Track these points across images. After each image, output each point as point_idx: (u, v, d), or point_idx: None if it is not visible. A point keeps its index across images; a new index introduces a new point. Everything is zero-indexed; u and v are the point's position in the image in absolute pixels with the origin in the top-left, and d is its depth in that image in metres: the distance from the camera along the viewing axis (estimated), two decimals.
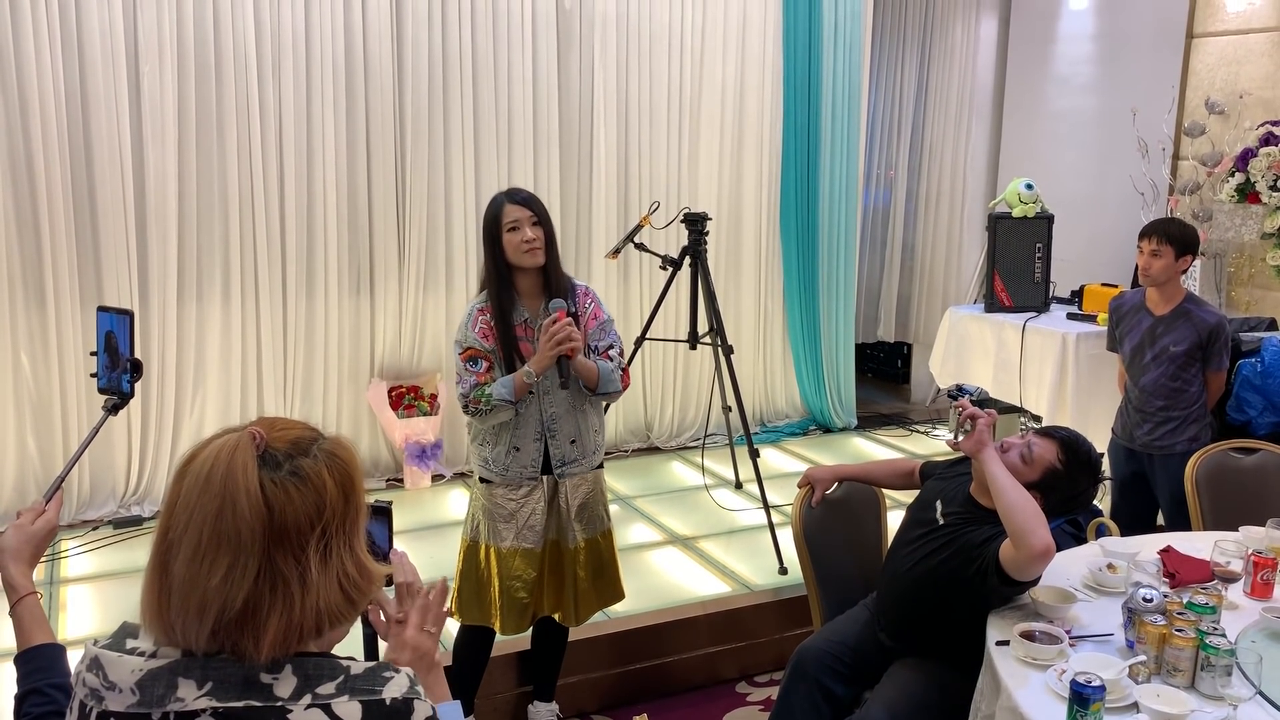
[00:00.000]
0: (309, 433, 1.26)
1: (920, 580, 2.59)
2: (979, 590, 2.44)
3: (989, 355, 5.26)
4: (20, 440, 4.41)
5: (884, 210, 6.91)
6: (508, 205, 2.82)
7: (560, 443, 2.91)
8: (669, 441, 5.76)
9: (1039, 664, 2.20)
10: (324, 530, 1.21)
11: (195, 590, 1.16)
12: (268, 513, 1.17)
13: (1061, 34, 6.23)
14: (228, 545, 1.16)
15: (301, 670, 1.20)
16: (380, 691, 1.21)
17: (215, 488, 1.17)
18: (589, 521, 3.01)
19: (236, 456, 1.18)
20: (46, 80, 4.23)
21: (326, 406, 4.95)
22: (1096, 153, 6.00)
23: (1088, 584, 2.63)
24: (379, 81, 4.82)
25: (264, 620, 1.17)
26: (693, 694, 3.61)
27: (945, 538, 2.57)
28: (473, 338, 2.83)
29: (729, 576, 4.07)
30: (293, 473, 1.20)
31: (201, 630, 1.17)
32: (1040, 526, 2.29)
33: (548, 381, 2.86)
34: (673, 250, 4.73)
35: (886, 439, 6.00)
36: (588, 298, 2.95)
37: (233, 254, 4.67)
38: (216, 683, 1.17)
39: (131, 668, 1.18)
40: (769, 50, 5.73)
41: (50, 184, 4.29)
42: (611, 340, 2.97)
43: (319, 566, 1.20)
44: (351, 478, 1.25)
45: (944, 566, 2.53)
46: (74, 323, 4.41)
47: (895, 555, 2.74)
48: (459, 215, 5.06)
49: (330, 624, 1.22)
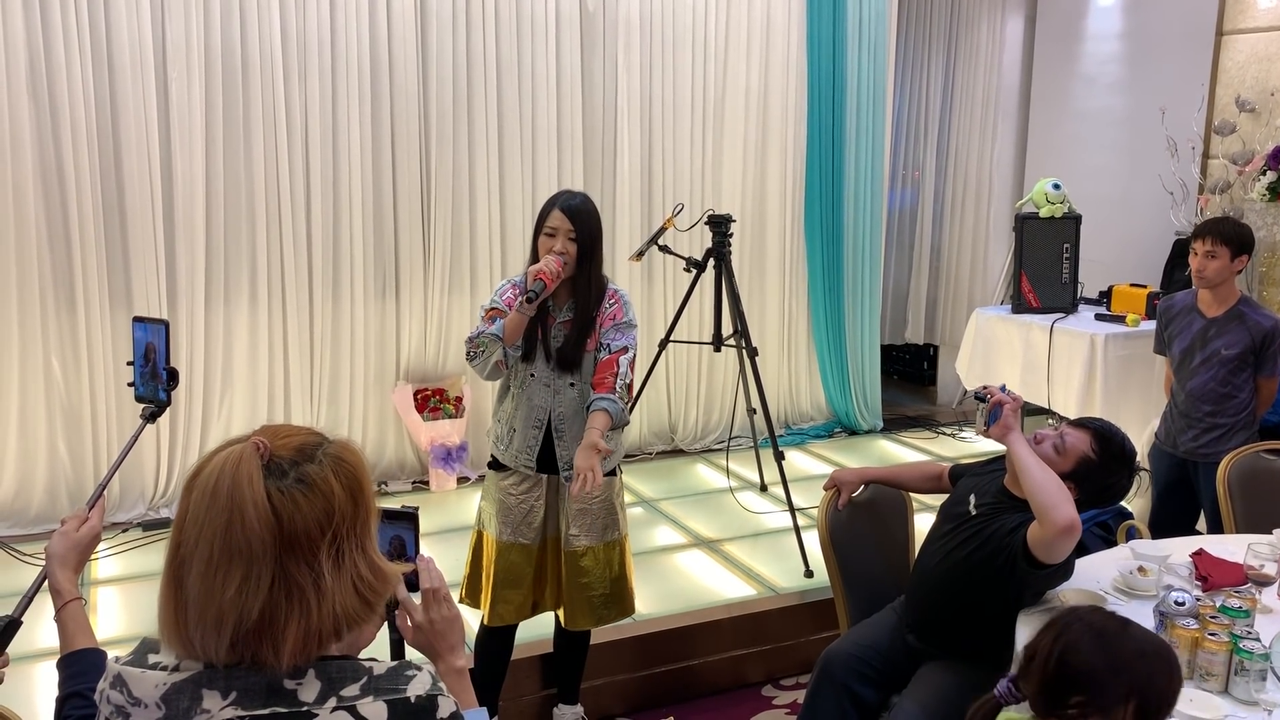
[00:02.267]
0: (313, 438, 1.26)
1: (950, 574, 2.57)
2: (1008, 581, 2.42)
3: (1016, 357, 5.22)
4: (51, 445, 4.46)
5: (911, 211, 6.88)
6: (555, 210, 2.82)
7: (567, 444, 2.88)
8: (693, 444, 5.75)
9: None
10: (335, 535, 1.20)
11: (211, 603, 1.16)
12: (276, 522, 1.17)
13: (1089, 33, 6.18)
14: (239, 557, 1.16)
15: (325, 674, 1.20)
16: (404, 690, 1.21)
17: (222, 501, 1.17)
18: (591, 527, 2.95)
19: (241, 468, 1.18)
20: (76, 88, 4.28)
21: (353, 409, 4.98)
22: (1125, 152, 5.94)
23: (1118, 587, 2.60)
24: (404, 85, 4.85)
25: (282, 629, 1.17)
26: (718, 697, 3.60)
27: (976, 528, 2.55)
28: (499, 302, 2.84)
29: (754, 579, 4.06)
30: (299, 480, 1.20)
31: (220, 643, 1.17)
32: (1065, 502, 2.27)
33: (558, 380, 2.86)
34: (696, 252, 4.72)
35: (913, 441, 5.97)
36: (613, 299, 2.92)
37: (260, 258, 4.71)
38: (241, 692, 1.18)
39: (155, 682, 1.19)
40: (793, 51, 5.71)
41: (80, 190, 4.34)
42: (626, 343, 2.87)
43: (332, 571, 1.20)
44: (359, 480, 1.25)
45: (974, 557, 2.51)
46: (104, 328, 4.46)
47: (926, 552, 2.73)
48: (483, 218, 5.08)
49: (348, 627, 1.22)
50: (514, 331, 2.76)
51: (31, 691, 3.10)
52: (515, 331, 2.76)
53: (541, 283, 2.70)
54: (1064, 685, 1.69)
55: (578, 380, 2.88)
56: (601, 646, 3.40)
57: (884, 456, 5.70)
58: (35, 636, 3.12)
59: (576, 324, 2.85)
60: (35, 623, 1.80)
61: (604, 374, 2.83)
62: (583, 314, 2.85)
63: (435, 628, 1.46)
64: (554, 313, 2.87)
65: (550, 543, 2.99)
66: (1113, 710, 1.66)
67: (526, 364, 2.86)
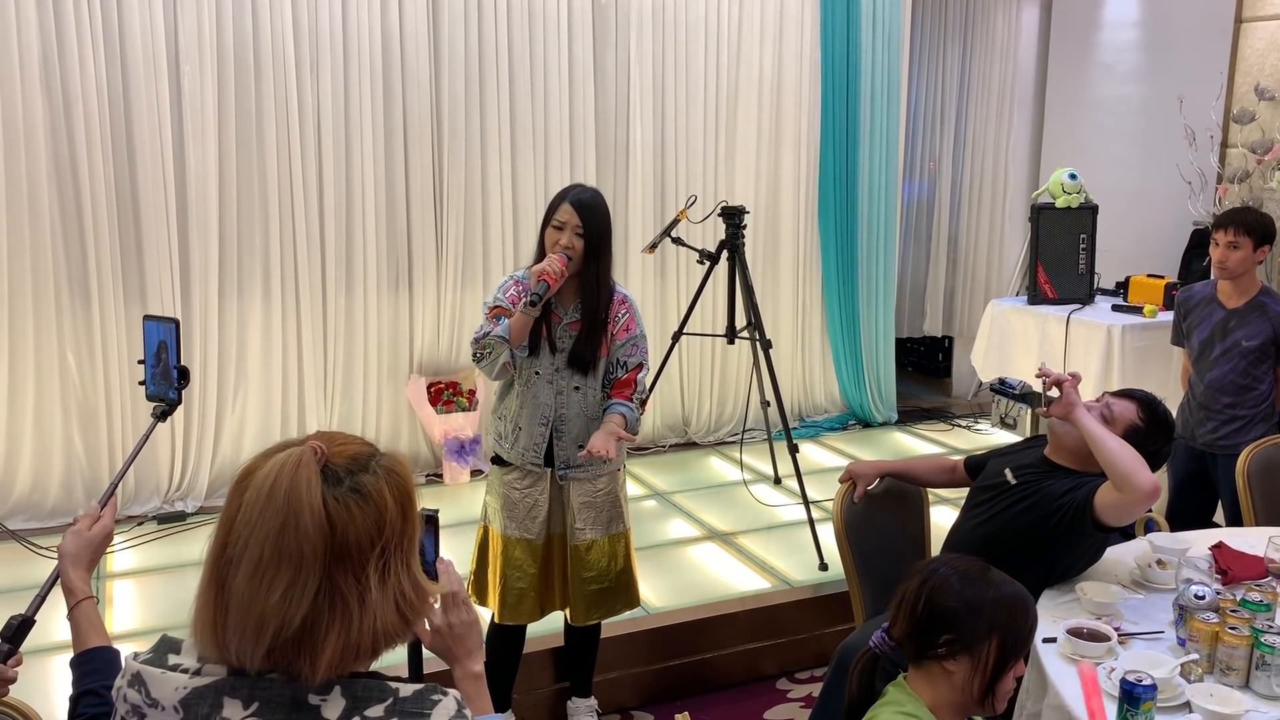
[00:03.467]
0: (367, 448, 1.24)
1: (990, 537, 2.60)
2: (1054, 543, 2.49)
3: (1032, 348, 5.19)
4: (67, 439, 4.47)
5: (927, 202, 6.84)
6: (565, 203, 2.78)
7: (566, 444, 2.88)
8: (707, 437, 5.73)
9: (1087, 661, 2.16)
10: (383, 549, 1.18)
11: (254, 608, 1.13)
12: (330, 530, 1.15)
13: (1105, 21, 6.12)
14: (289, 562, 1.13)
15: (350, 692, 1.17)
16: (429, 715, 1.19)
17: (279, 503, 1.14)
18: (596, 521, 2.95)
19: (300, 472, 1.15)
20: (90, 82, 4.29)
21: (366, 403, 4.98)
22: (1141, 141, 5.89)
23: (1137, 580, 2.58)
24: (416, 79, 4.84)
25: (321, 640, 1.14)
26: (733, 690, 3.59)
27: (1021, 493, 2.60)
28: (503, 300, 2.82)
29: (769, 572, 4.04)
30: (354, 489, 1.17)
31: (258, 649, 1.14)
32: (1144, 468, 2.36)
33: (563, 380, 2.85)
34: (710, 244, 4.70)
35: (927, 433, 5.94)
36: (623, 306, 2.89)
37: (273, 252, 4.71)
38: (263, 703, 1.15)
39: (175, 685, 1.17)
40: (806, 42, 5.68)
41: (94, 185, 4.35)
42: (641, 359, 2.91)
43: (378, 586, 1.17)
44: (409, 494, 1.23)
45: (1021, 519, 2.56)
46: (118, 322, 4.47)
47: (958, 531, 2.76)
48: (496, 211, 5.07)
49: (385, 644, 1.20)
50: (519, 332, 2.74)
51: (48, 687, 3.11)
52: (521, 332, 2.74)
53: (545, 284, 2.67)
54: (933, 625, 1.81)
55: (583, 384, 2.86)
56: (616, 639, 3.40)
57: (898, 449, 5.68)
58: (50, 632, 3.13)
59: (586, 325, 2.83)
60: (50, 619, 1.81)
61: (622, 390, 2.90)
62: (591, 315, 2.83)
63: (454, 631, 1.43)
64: (558, 311, 2.84)
65: (555, 539, 2.98)
66: (977, 647, 1.78)
67: (532, 361, 2.85)
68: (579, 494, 2.92)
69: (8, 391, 4.35)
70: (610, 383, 2.91)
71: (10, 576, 3.94)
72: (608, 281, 2.86)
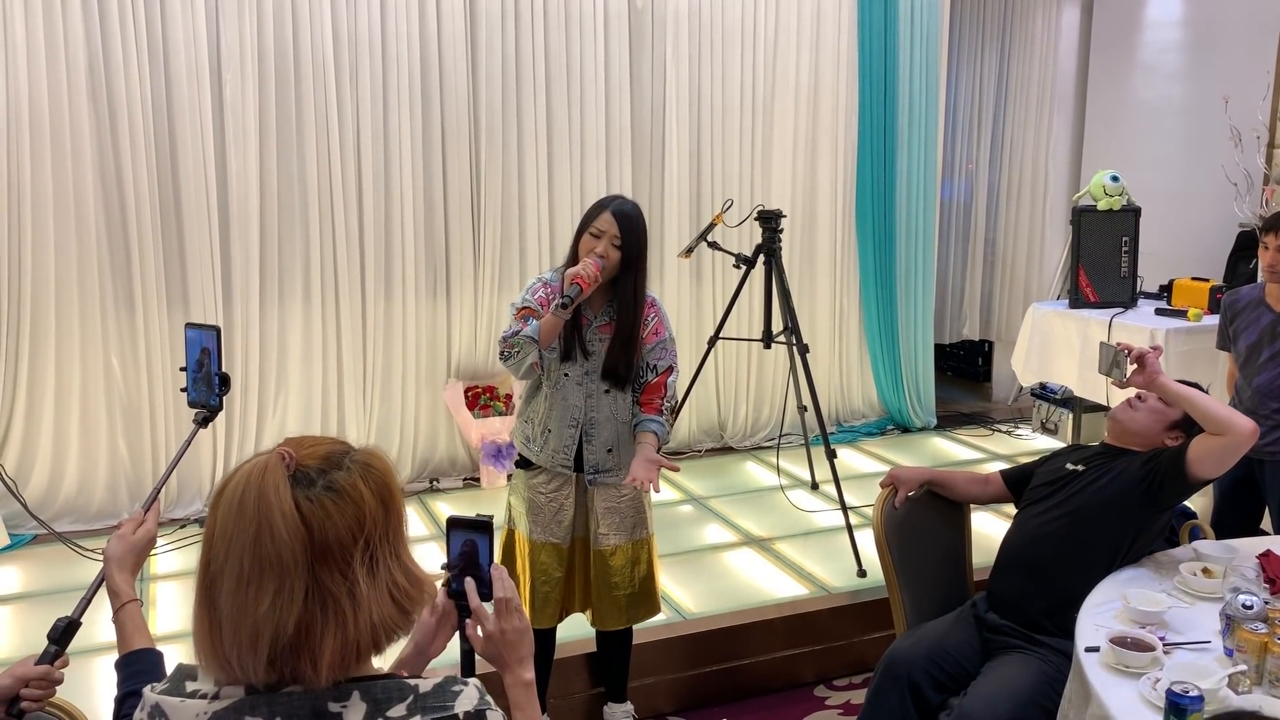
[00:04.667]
0: (339, 446, 1.24)
1: (1073, 517, 2.68)
2: (1140, 511, 2.62)
3: (1073, 353, 5.12)
4: (112, 443, 4.54)
5: (965, 205, 6.78)
6: (604, 212, 2.77)
7: (596, 448, 2.88)
8: (743, 441, 5.71)
9: (1131, 671, 2.13)
10: (367, 543, 1.18)
11: (245, 620, 1.14)
12: (307, 531, 1.15)
13: (1148, 21, 6.04)
14: (271, 570, 1.14)
15: (370, 695, 1.18)
16: (452, 706, 1.19)
17: (249, 513, 1.15)
18: (621, 526, 2.95)
19: (267, 479, 1.16)
20: (134, 90, 4.36)
21: (405, 407, 5.02)
22: (1186, 143, 5.80)
23: (1182, 589, 2.53)
24: (454, 85, 4.87)
25: (319, 642, 1.14)
26: (770, 696, 3.57)
27: (1096, 473, 2.71)
28: (531, 300, 2.82)
29: (806, 579, 4.02)
30: (327, 488, 1.18)
31: (258, 661, 1.14)
32: (1238, 414, 2.54)
33: (593, 384, 2.84)
34: (746, 248, 4.69)
35: (967, 439, 5.88)
36: (652, 309, 2.89)
37: (313, 257, 4.76)
38: (285, 717, 1.15)
39: (195, 712, 1.17)
40: (844, 44, 5.65)
41: (138, 192, 4.42)
42: (670, 362, 2.92)
43: (367, 580, 1.18)
44: (388, 486, 1.23)
45: (1104, 492, 2.67)
46: (161, 327, 4.53)
47: (1024, 523, 2.81)
48: (532, 216, 5.09)
49: (386, 637, 1.20)
50: (549, 334, 2.73)
51: (93, 688, 3.15)
52: (550, 334, 2.73)
53: (578, 287, 2.66)
54: None
55: (613, 387, 2.86)
56: (652, 645, 3.39)
57: (937, 454, 5.63)
58: (95, 634, 3.17)
59: (620, 337, 2.83)
60: (95, 622, 1.84)
61: (652, 396, 2.90)
62: (626, 329, 2.82)
63: (506, 638, 1.43)
64: (587, 314, 2.84)
65: (579, 543, 2.98)
66: None
67: (562, 364, 2.85)
68: (603, 499, 2.92)
69: (54, 396, 4.42)
70: (641, 387, 2.91)
71: (57, 578, 4.01)
72: (643, 296, 2.86)
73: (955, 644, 2.69)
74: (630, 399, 2.91)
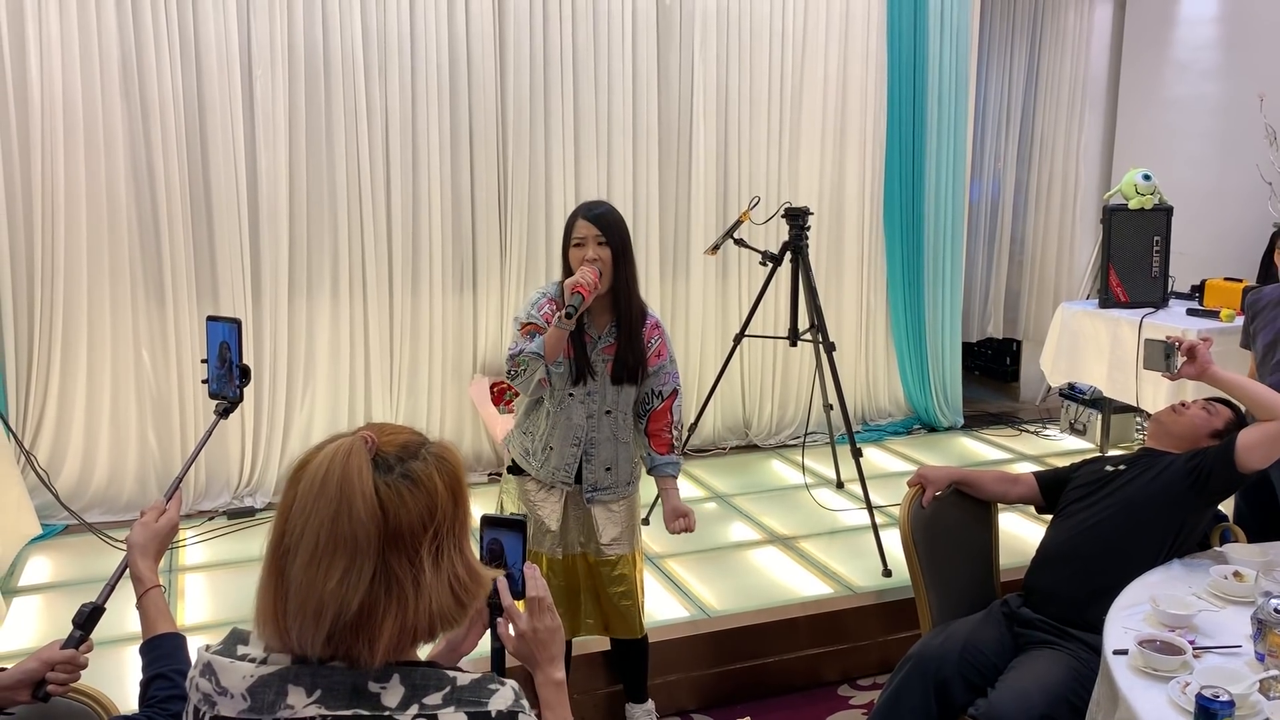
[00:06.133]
0: (416, 437, 1.28)
1: (1115, 508, 2.70)
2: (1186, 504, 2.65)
3: (1103, 353, 5.08)
4: (141, 435, 4.59)
5: (993, 203, 6.73)
6: (579, 220, 2.76)
7: (595, 467, 2.87)
8: (767, 439, 5.70)
9: (1160, 675, 2.10)
10: (436, 533, 1.22)
11: (313, 594, 1.18)
12: (382, 515, 1.18)
13: (1182, 17, 5.97)
14: (344, 548, 1.17)
15: (409, 680, 1.21)
16: (486, 703, 1.21)
17: (331, 491, 1.18)
18: (622, 536, 2.94)
19: (351, 460, 1.19)
20: (166, 87, 4.40)
21: (431, 402, 5.04)
22: (1219, 141, 5.73)
23: (1212, 592, 2.50)
24: (482, 82, 4.89)
25: (379, 623, 1.18)
26: (793, 695, 3.56)
27: (1141, 469, 2.74)
28: (536, 316, 2.79)
29: (830, 578, 4.01)
30: (405, 475, 1.21)
31: (318, 635, 1.18)
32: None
33: (594, 404, 2.83)
34: (773, 246, 4.67)
35: (994, 439, 5.84)
36: (656, 331, 2.87)
37: (341, 253, 4.79)
38: (325, 690, 1.19)
39: (243, 674, 1.20)
40: (872, 41, 5.62)
41: (169, 188, 4.46)
42: (674, 385, 2.92)
43: (431, 569, 1.21)
44: (460, 481, 1.27)
45: (1151, 487, 2.68)
46: (191, 321, 4.57)
47: (1066, 519, 2.81)
48: (559, 213, 5.09)
49: (442, 625, 1.23)
50: (554, 348, 2.70)
51: (123, 676, 3.19)
52: (556, 348, 2.71)
53: (580, 296, 2.63)
54: None
55: (614, 408, 2.85)
56: (675, 642, 3.39)
57: (964, 454, 5.59)
58: (123, 623, 3.20)
59: (623, 334, 2.80)
60: (124, 612, 1.86)
61: (660, 426, 2.90)
62: (627, 322, 2.80)
63: (538, 637, 1.45)
64: (591, 332, 2.81)
65: (577, 559, 2.96)
66: None
67: (573, 384, 2.82)
68: (601, 515, 2.92)
69: (86, 389, 4.47)
70: (646, 414, 2.90)
71: (87, 568, 4.06)
72: (635, 287, 2.83)
73: (986, 641, 2.66)
74: (629, 419, 2.90)
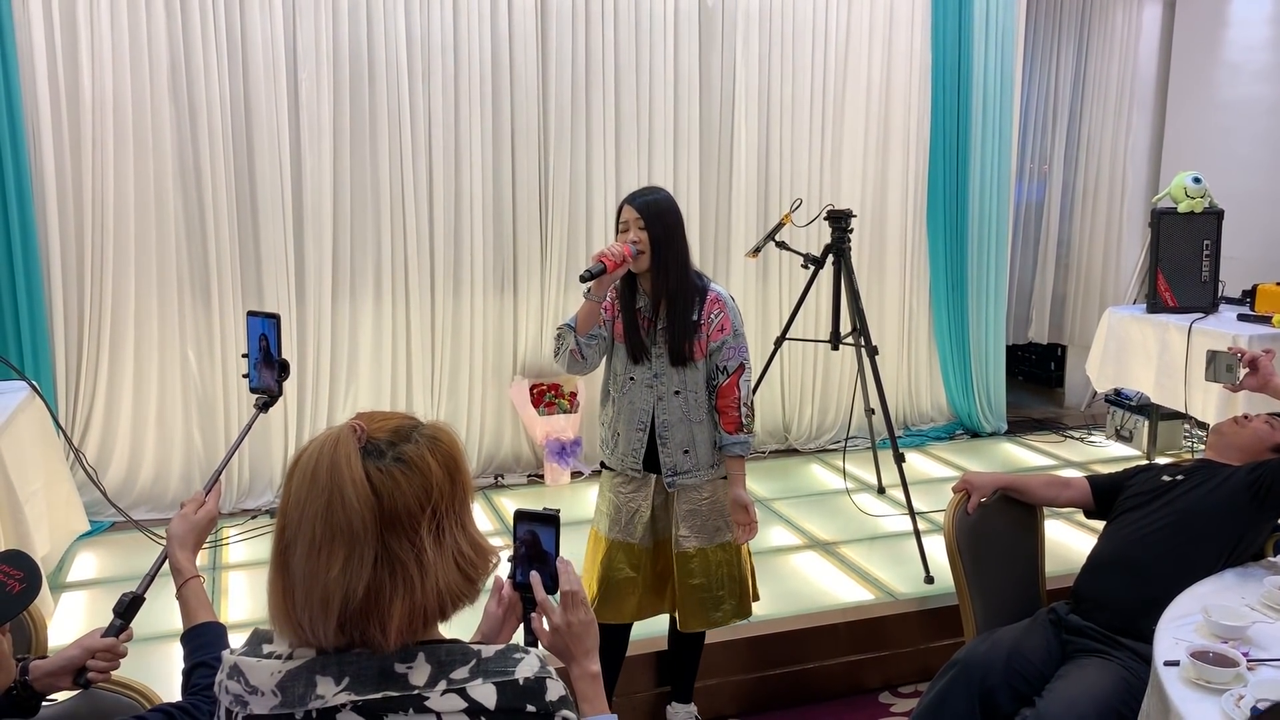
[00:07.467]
0: (408, 421, 1.29)
1: (1173, 517, 2.67)
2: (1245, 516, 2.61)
3: (1151, 359, 5.00)
4: (187, 433, 4.65)
5: (1038, 205, 6.65)
6: (625, 206, 2.81)
7: (672, 450, 2.87)
8: (808, 444, 5.66)
9: (1213, 688, 2.06)
10: (434, 511, 1.23)
11: (317, 584, 1.19)
12: (376, 500, 1.20)
13: (1234, 18, 5.87)
14: (342, 536, 1.19)
15: (434, 658, 1.22)
16: (513, 672, 1.22)
17: (322, 482, 1.20)
18: (701, 529, 2.92)
19: (339, 449, 1.21)
20: (214, 89, 4.45)
21: (471, 403, 5.06)
22: (1272, 143, 5.62)
23: (1266, 603, 2.45)
24: (524, 84, 4.90)
25: (388, 606, 1.19)
26: (834, 702, 3.53)
27: (1199, 479, 2.71)
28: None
29: (871, 584, 3.97)
30: (397, 459, 1.23)
31: (328, 624, 1.20)
32: None
33: (663, 386, 2.84)
34: (814, 248, 4.64)
35: (1038, 445, 5.76)
36: (716, 305, 2.84)
37: (384, 254, 4.82)
38: (353, 677, 1.20)
39: (271, 670, 1.22)
40: (917, 42, 5.57)
41: (216, 189, 4.52)
42: (741, 359, 2.87)
43: (434, 547, 1.22)
44: (455, 458, 1.28)
45: (1210, 499, 2.65)
46: (236, 321, 4.62)
47: (1121, 528, 2.77)
48: (600, 215, 5.10)
49: (452, 603, 1.25)
50: (586, 320, 2.77)
51: (170, 671, 3.22)
52: (587, 320, 2.77)
53: (601, 264, 2.68)
54: None
55: (684, 388, 2.84)
56: (716, 646, 3.37)
57: (1008, 460, 5.52)
58: (165, 619, 3.24)
59: (669, 312, 2.80)
60: (166, 606, 1.88)
61: (727, 402, 2.86)
62: (675, 310, 2.79)
63: (572, 630, 1.46)
64: (646, 312, 2.84)
65: (662, 545, 2.98)
66: None
67: (628, 367, 2.86)
68: (685, 501, 2.91)
69: (133, 387, 4.54)
70: (714, 390, 2.89)
71: (133, 564, 4.11)
72: (682, 264, 2.80)
73: (1033, 649, 2.62)
74: (703, 397, 2.89)
